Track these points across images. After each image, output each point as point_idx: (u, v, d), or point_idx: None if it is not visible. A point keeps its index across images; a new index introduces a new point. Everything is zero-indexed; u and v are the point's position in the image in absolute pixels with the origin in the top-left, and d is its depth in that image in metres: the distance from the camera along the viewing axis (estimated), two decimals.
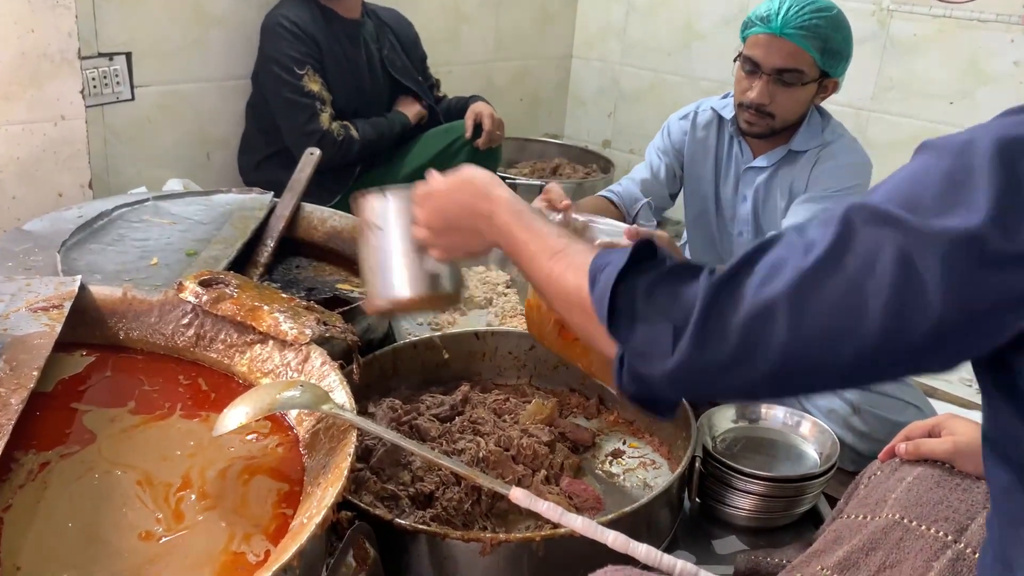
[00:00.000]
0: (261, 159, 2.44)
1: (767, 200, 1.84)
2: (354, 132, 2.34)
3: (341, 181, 2.44)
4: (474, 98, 2.68)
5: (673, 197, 2.02)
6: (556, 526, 1.15)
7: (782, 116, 1.73)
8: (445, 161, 2.62)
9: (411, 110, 2.54)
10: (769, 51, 1.67)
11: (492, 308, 2.02)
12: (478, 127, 2.56)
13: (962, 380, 2.35)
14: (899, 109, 2.68)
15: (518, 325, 1.89)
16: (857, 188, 1.74)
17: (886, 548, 0.92)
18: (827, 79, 1.72)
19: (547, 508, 0.90)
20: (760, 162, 1.83)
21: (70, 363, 1.18)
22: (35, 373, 1.03)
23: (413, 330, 1.87)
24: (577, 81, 3.60)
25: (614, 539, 0.87)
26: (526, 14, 3.32)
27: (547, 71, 3.52)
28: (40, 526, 0.89)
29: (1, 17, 1.74)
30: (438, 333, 1.67)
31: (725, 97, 1.91)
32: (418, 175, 2.63)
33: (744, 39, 1.75)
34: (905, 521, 0.95)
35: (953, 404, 2.10)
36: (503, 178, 2.77)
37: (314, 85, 2.30)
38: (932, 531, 0.93)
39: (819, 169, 1.77)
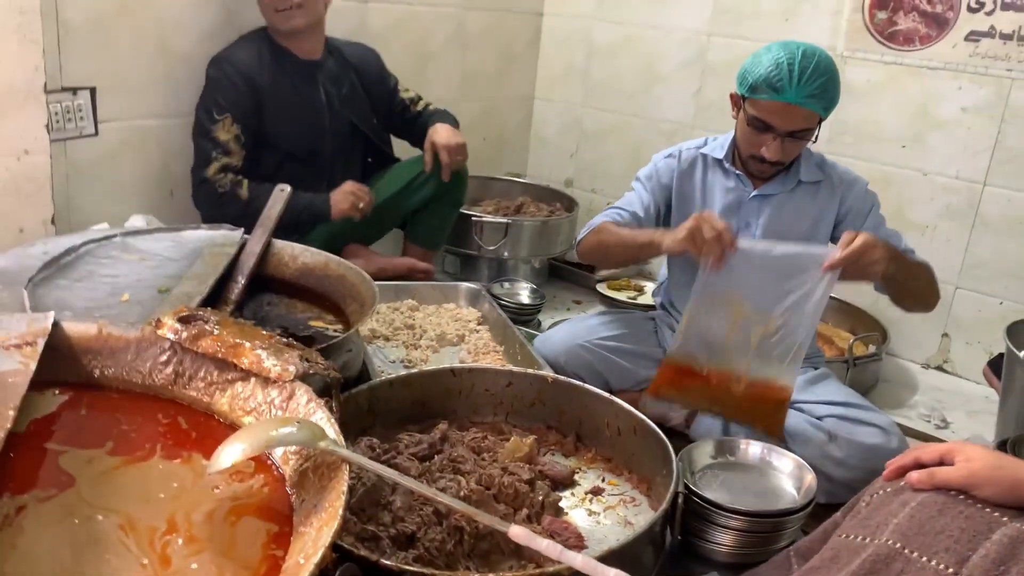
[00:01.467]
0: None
1: (779, 225, 1.92)
2: (242, 191, 2.29)
3: (309, 190, 2.42)
4: (434, 115, 2.66)
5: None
6: (542, 567, 1.15)
7: (790, 160, 1.88)
8: (411, 193, 2.63)
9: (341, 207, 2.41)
10: (784, 118, 1.77)
11: (464, 345, 2.02)
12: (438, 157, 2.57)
13: (921, 416, 2.42)
14: (853, 152, 2.76)
15: (492, 362, 1.89)
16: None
17: None
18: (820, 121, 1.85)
19: (547, 546, 0.90)
20: (769, 190, 1.93)
21: (43, 402, 1.14)
22: (11, 412, 0.99)
23: (387, 368, 1.85)
24: (540, 121, 3.65)
25: None
26: (490, 55, 3.37)
27: (510, 111, 3.56)
28: (19, 574, 0.86)
29: None
30: (414, 370, 1.66)
31: (706, 144, 2.02)
32: (387, 207, 2.65)
33: (746, 96, 1.82)
34: (906, 552, 0.96)
35: (913, 438, 2.15)
36: (467, 216, 2.83)
37: (224, 135, 2.30)
38: (933, 563, 0.94)
39: (854, 197, 1.93)
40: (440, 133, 2.57)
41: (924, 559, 0.98)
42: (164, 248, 1.74)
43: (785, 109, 1.76)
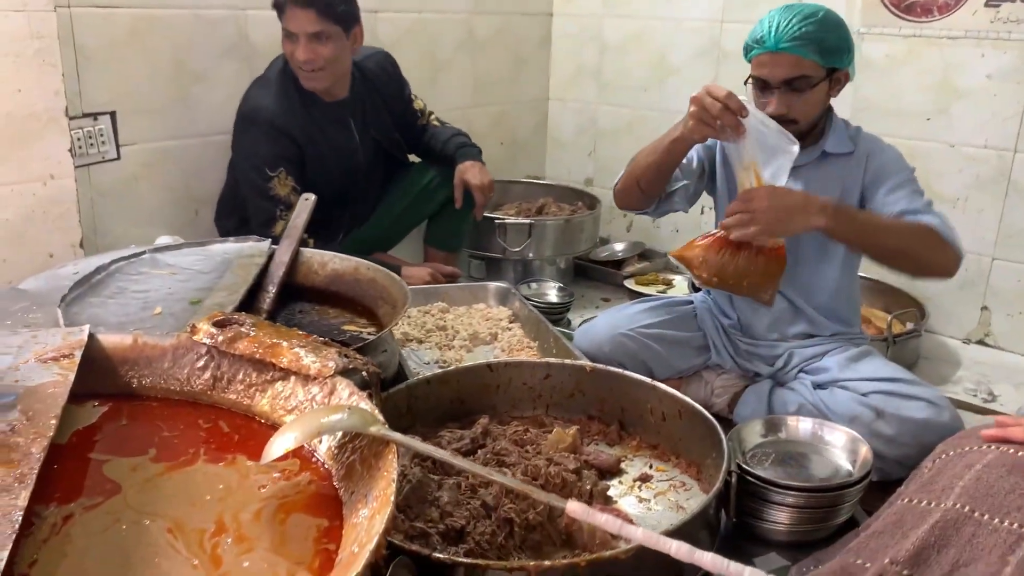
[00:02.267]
0: (238, 224, 2.39)
1: None
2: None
3: (332, 231, 2.42)
4: (460, 151, 2.63)
5: (696, 194, 2.04)
6: (599, 548, 1.12)
7: (805, 118, 1.81)
8: (426, 200, 2.63)
9: None
10: (773, 67, 1.75)
11: (498, 343, 2.00)
12: (468, 193, 2.56)
13: (967, 391, 2.36)
14: (876, 128, 2.69)
15: (527, 358, 1.86)
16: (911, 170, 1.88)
17: (958, 545, 0.90)
18: (837, 72, 1.80)
19: (606, 520, 0.87)
20: (795, 161, 1.84)
21: (83, 414, 1.13)
22: (53, 421, 0.98)
23: (422, 370, 1.83)
24: (555, 123, 3.64)
25: (677, 548, 0.84)
26: (502, 60, 3.36)
27: (525, 114, 3.55)
28: None
29: None
30: (450, 367, 1.64)
31: None
32: (404, 215, 2.64)
33: (749, 62, 1.83)
34: (976, 515, 0.92)
35: (963, 411, 2.09)
36: (491, 219, 2.82)
37: (282, 189, 2.24)
38: (1005, 524, 0.90)
39: (877, 164, 1.86)
40: (471, 172, 2.56)
41: (996, 520, 0.94)
42: (193, 262, 1.74)
43: (771, 59, 1.75)
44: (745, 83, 1.85)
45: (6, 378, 1.07)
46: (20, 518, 0.81)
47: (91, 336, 1.20)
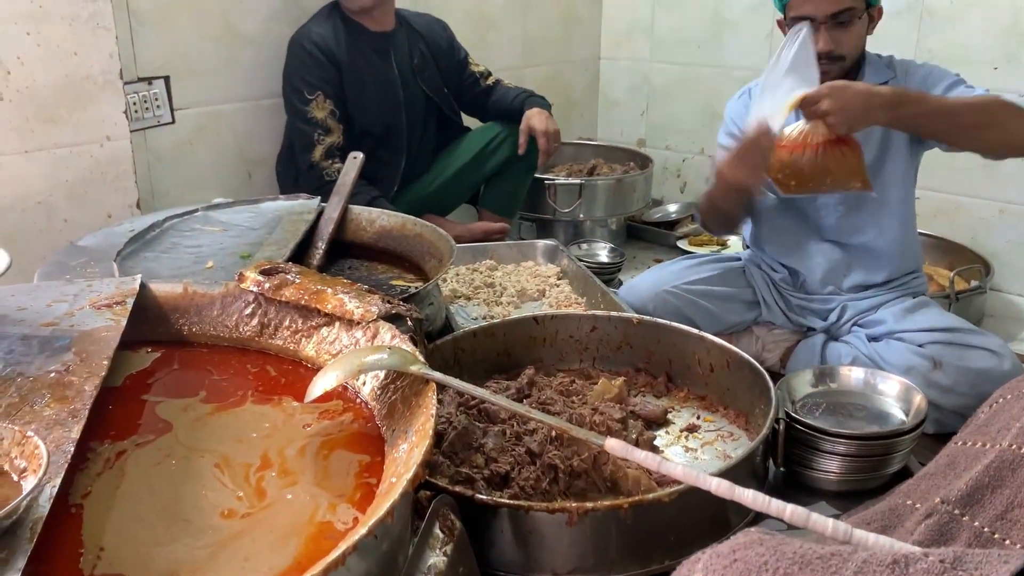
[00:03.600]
0: (296, 174, 2.44)
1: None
2: None
3: (386, 182, 2.43)
4: (529, 99, 2.63)
5: None
6: (643, 494, 1.12)
7: (850, 54, 1.77)
8: (484, 160, 2.62)
9: None
10: (817, 3, 1.70)
11: (545, 299, 1.99)
12: (533, 141, 2.55)
13: None
14: None
15: (574, 310, 1.85)
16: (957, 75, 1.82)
17: (1013, 486, 0.87)
18: (871, 8, 1.77)
19: (645, 457, 0.86)
20: None
21: (137, 359, 1.16)
22: (105, 362, 1.01)
23: (469, 326, 1.84)
24: (607, 82, 3.59)
25: (717, 485, 0.83)
26: (552, 18, 3.32)
27: (576, 74, 3.51)
28: (120, 510, 0.87)
29: (44, 41, 1.76)
30: (496, 320, 1.64)
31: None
32: (461, 175, 2.65)
33: (783, 6, 1.78)
34: None
35: None
36: (540, 180, 2.80)
37: (320, 112, 2.30)
38: None
39: (919, 78, 1.80)
40: (537, 119, 2.56)
41: None
42: (244, 219, 1.77)
43: None
44: (784, 22, 1.81)
45: (62, 323, 1.11)
46: (72, 449, 0.84)
47: (144, 286, 1.24)
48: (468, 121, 2.74)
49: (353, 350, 1.09)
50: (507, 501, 1.08)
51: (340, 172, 2.22)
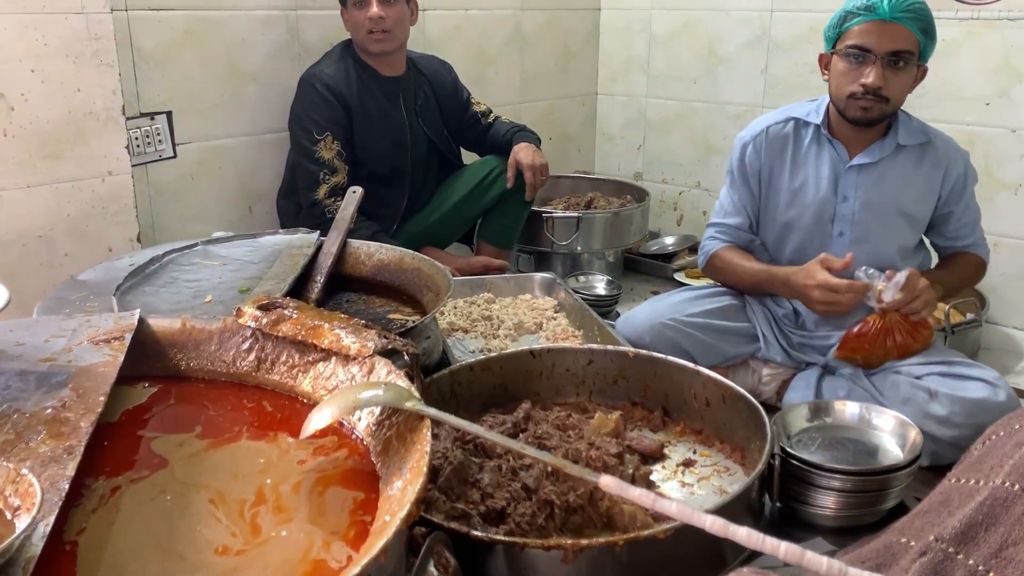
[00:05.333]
0: (297, 208, 2.46)
1: (876, 195, 1.87)
2: None
3: (387, 220, 2.45)
4: (517, 134, 2.66)
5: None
6: (639, 530, 1.12)
7: (894, 100, 1.79)
8: (481, 194, 2.64)
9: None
10: (881, 37, 1.72)
11: (542, 332, 2.00)
12: (520, 174, 2.58)
13: None
14: (932, 115, 2.64)
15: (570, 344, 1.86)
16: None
17: (1007, 523, 0.87)
18: (920, 65, 1.79)
19: (640, 495, 0.86)
20: (867, 158, 1.86)
21: (133, 395, 1.17)
22: (102, 398, 1.02)
23: (467, 359, 1.85)
24: (604, 116, 3.63)
25: (712, 523, 0.83)
26: (549, 55, 3.37)
27: (574, 109, 3.55)
28: (115, 547, 0.87)
29: (48, 77, 1.79)
30: (493, 354, 1.64)
31: (796, 108, 1.97)
32: (459, 209, 2.67)
33: (839, 33, 1.80)
34: None
35: None
36: (538, 213, 2.82)
37: (327, 152, 2.33)
38: None
39: (956, 176, 1.89)
40: (524, 153, 2.59)
41: None
42: (243, 253, 1.78)
43: (880, 28, 1.72)
44: (824, 69, 1.85)
45: (60, 359, 1.12)
46: (67, 486, 0.85)
47: (142, 321, 1.24)
48: (467, 157, 2.77)
49: (348, 386, 1.09)
50: (502, 538, 1.08)
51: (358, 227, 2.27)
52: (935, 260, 2.06)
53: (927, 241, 2.02)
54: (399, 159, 2.48)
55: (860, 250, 1.82)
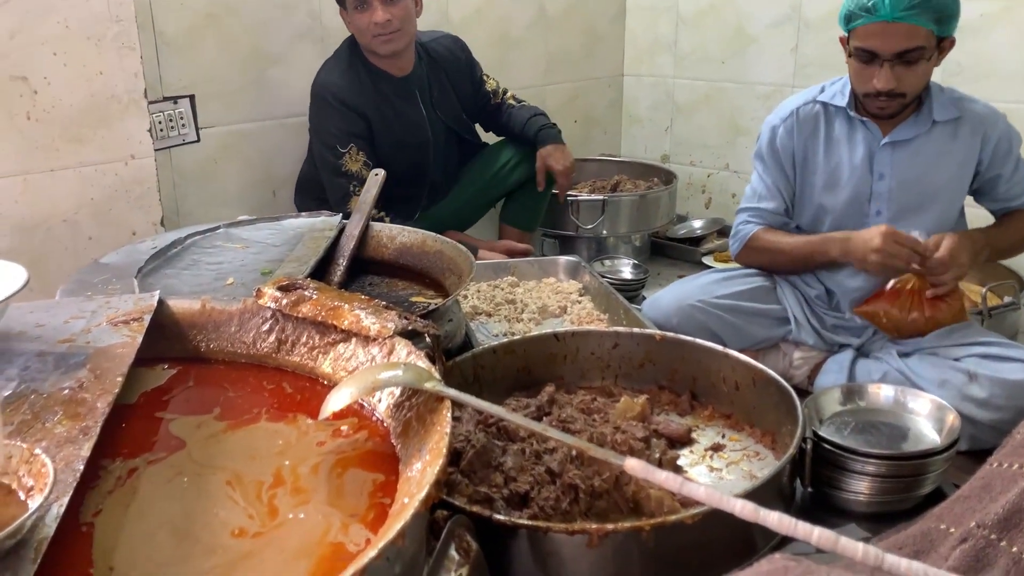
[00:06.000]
0: (317, 205, 2.43)
1: (912, 171, 1.81)
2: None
3: (409, 209, 2.43)
4: (540, 133, 2.60)
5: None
6: (666, 515, 1.09)
7: (912, 92, 1.73)
8: (502, 180, 2.61)
9: None
10: (885, 39, 1.65)
11: (567, 316, 1.97)
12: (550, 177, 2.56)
13: None
14: (969, 92, 2.58)
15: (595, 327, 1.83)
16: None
17: None
18: (943, 40, 1.71)
19: (666, 478, 0.83)
20: (901, 135, 1.80)
21: (153, 376, 1.16)
22: (119, 379, 1.01)
23: (490, 343, 1.82)
24: (631, 98, 3.58)
25: (741, 508, 0.80)
26: (575, 36, 3.32)
27: (599, 91, 3.50)
28: (131, 528, 0.86)
29: (71, 61, 1.78)
30: (517, 337, 1.62)
31: (823, 91, 1.90)
32: (480, 195, 2.64)
33: (849, 31, 1.73)
34: None
35: None
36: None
37: (354, 165, 2.28)
38: None
39: (997, 140, 1.81)
40: (554, 157, 2.55)
41: None
42: (266, 236, 1.77)
43: (883, 29, 1.64)
44: (846, 52, 1.77)
45: (79, 340, 1.11)
46: (82, 467, 0.83)
47: (162, 302, 1.23)
48: (485, 136, 2.74)
49: (368, 367, 1.07)
50: (525, 522, 1.06)
51: (378, 219, 2.24)
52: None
53: (966, 215, 1.96)
54: (422, 157, 2.45)
55: (898, 227, 1.77)
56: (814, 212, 1.91)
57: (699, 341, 1.53)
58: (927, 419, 1.34)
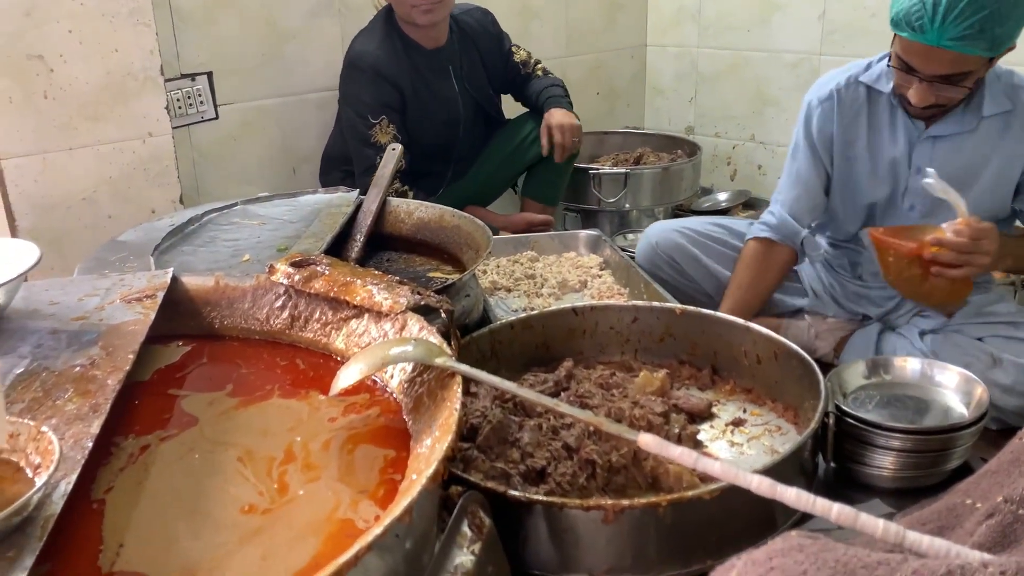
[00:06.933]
0: (341, 178, 2.42)
1: (953, 168, 1.62)
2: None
3: (436, 182, 2.41)
4: (549, 101, 2.57)
5: (827, 193, 1.85)
6: (684, 491, 1.07)
7: (953, 101, 1.58)
8: (522, 154, 2.58)
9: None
10: (927, 60, 1.49)
11: (587, 291, 1.95)
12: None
13: None
14: None
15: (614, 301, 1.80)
16: None
17: None
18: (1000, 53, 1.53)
19: (681, 453, 0.82)
20: (944, 130, 1.65)
21: (167, 353, 1.16)
22: (131, 356, 1.00)
23: (508, 317, 1.81)
24: (654, 70, 3.52)
25: (758, 483, 0.78)
26: (596, 6, 3.26)
27: (622, 62, 3.44)
28: (142, 505, 0.86)
29: (86, 38, 1.77)
30: (535, 312, 1.60)
31: (868, 68, 1.73)
32: (501, 169, 2.61)
33: (892, 29, 1.57)
34: None
35: None
36: (584, 170, 2.74)
37: (384, 136, 2.26)
38: None
39: None
40: (555, 117, 2.50)
41: None
42: (282, 212, 1.76)
43: (926, 52, 1.47)
44: (889, 63, 1.62)
45: (92, 317, 1.11)
46: (91, 445, 0.83)
47: (175, 279, 1.23)
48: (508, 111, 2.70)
49: (379, 343, 1.06)
50: (540, 498, 1.04)
51: (401, 194, 2.23)
52: None
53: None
54: (450, 134, 2.43)
55: (930, 223, 1.64)
56: (863, 206, 1.79)
57: (721, 315, 1.50)
58: (955, 392, 1.31)
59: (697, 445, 1.31)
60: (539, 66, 2.65)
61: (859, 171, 1.76)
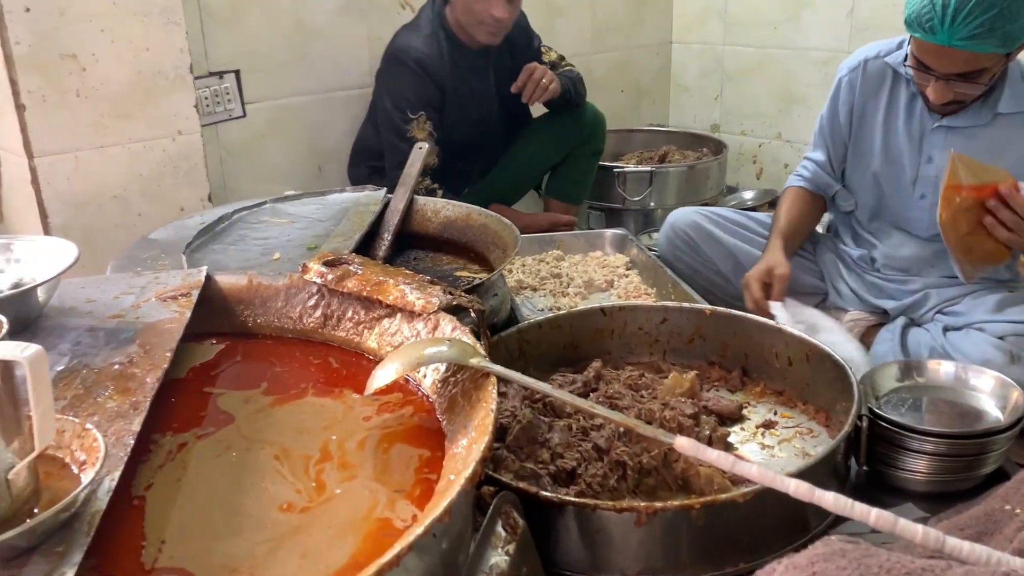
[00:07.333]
0: (369, 173, 2.42)
1: None
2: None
3: (463, 179, 2.42)
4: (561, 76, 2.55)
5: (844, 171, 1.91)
6: (716, 493, 1.07)
7: (971, 97, 1.59)
8: (551, 147, 2.58)
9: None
10: (940, 59, 1.51)
11: (613, 290, 1.94)
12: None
13: None
14: None
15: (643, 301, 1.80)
16: None
17: None
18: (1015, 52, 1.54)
19: (718, 456, 0.81)
20: (958, 122, 1.66)
21: (201, 351, 1.17)
22: (168, 354, 1.01)
23: (535, 317, 1.81)
24: (679, 67, 3.50)
25: (796, 487, 0.78)
26: (622, 2, 3.25)
27: (647, 59, 3.43)
28: (182, 502, 0.86)
29: (117, 37, 1.79)
30: (562, 312, 1.60)
31: (900, 47, 1.73)
32: (526, 167, 2.60)
33: (906, 29, 1.57)
34: None
35: None
36: (609, 168, 2.74)
37: (420, 132, 2.25)
38: None
39: None
40: (539, 69, 2.43)
41: None
42: (311, 211, 1.77)
43: (939, 51, 1.49)
44: (906, 63, 1.64)
45: (128, 316, 1.12)
46: (132, 442, 0.84)
47: (209, 278, 1.24)
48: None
49: (413, 342, 1.07)
50: (573, 499, 1.04)
51: (426, 191, 2.23)
52: None
53: None
54: (480, 133, 2.43)
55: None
56: (871, 180, 1.82)
57: (752, 316, 1.49)
58: (990, 396, 1.30)
59: (728, 447, 1.31)
60: (566, 66, 2.64)
61: (874, 147, 1.79)
